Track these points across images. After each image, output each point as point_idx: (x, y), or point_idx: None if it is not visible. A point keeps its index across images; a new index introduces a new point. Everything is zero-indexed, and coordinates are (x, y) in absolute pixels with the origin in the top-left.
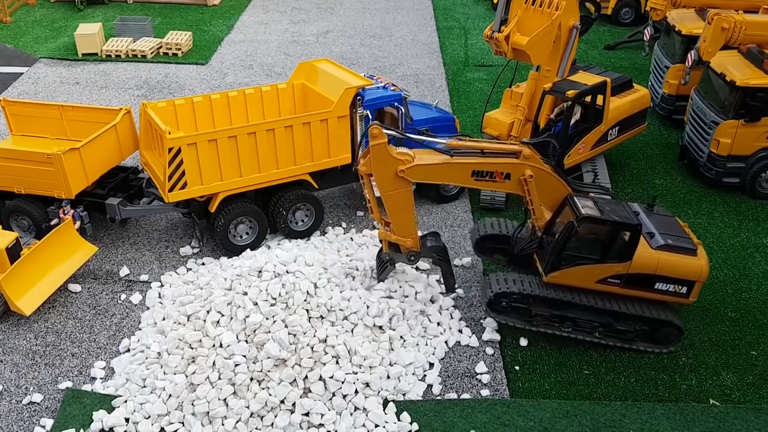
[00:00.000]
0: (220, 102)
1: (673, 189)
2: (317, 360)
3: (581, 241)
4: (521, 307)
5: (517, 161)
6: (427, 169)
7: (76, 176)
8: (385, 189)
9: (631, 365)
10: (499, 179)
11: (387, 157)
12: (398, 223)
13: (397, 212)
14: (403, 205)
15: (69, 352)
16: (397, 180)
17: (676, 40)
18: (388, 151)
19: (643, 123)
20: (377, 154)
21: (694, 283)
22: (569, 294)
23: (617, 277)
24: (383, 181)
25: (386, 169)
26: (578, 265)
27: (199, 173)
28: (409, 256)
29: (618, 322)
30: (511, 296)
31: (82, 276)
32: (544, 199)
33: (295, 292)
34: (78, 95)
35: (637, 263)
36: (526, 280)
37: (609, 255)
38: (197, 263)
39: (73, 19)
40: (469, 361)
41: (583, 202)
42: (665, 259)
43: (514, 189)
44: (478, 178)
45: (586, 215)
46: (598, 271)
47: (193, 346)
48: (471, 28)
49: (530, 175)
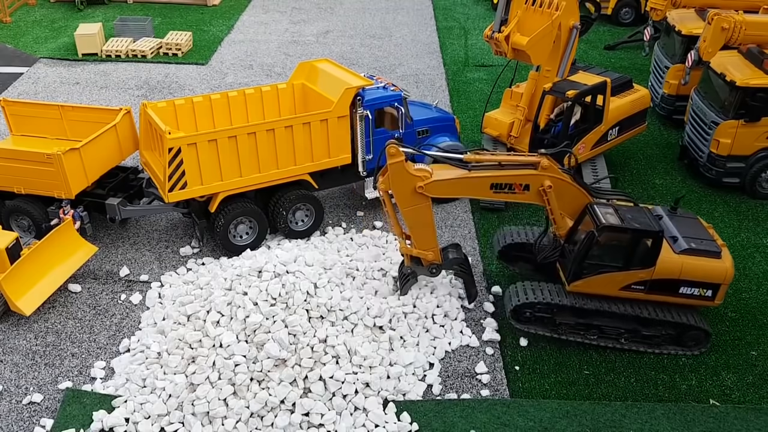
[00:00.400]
0: (220, 102)
1: (673, 189)
2: (317, 360)
3: (603, 249)
4: (545, 316)
5: (535, 172)
6: (446, 184)
7: (76, 176)
8: (405, 205)
9: (631, 365)
10: (519, 191)
11: (405, 175)
12: (419, 237)
13: (418, 227)
14: (423, 219)
15: (69, 352)
16: (416, 196)
17: (676, 40)
18: (406, 168)
19: (643, 123)
20: (395, 171)
21: (719, 286)
22: (593, 302)
23: (641, 284)
24: (402, 198)
25: (405, 185)
26: (601, 273)
27: (199, 173)
28: (431, 268)
29: (644, 327)
30: (534, 306)
31: (82, 276)
32: (565, 207)
33: (295, 292)
34: (78, 95)
35: (660, 269)
36: (547, 289)
37: (632, 262)
38: (197, 263)
39: (73, 19)
40: (469, 361)
41: (604, 210)
42: (689, 264)
43: (534, 200)
44: (497, 190)
45: (606, 224)
46: (621, 279)
47: (193, 346)
48: (471, 28)
49: (549, 186)
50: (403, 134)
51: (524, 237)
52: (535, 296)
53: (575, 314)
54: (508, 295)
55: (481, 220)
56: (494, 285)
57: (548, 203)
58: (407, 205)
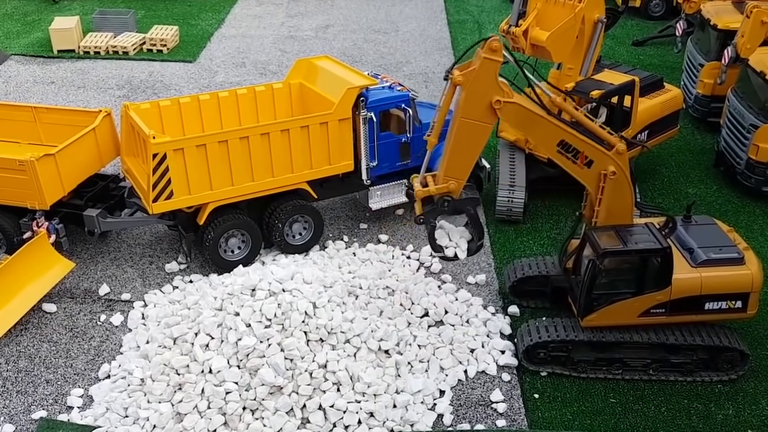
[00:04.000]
0: (209, 103)
1: (708, 199)
2: (316, 387)
3: (610, 276)
4: (561, 355)
5: (608, 153)
6: (523, 113)
7: (51, 185)
8: (468, 114)
9: (661, 393)
10: (580, 163)
11: (492, 80)
12: (455, 161)
13: (463, 149)
14: (474, 142)
15: (43, 378)
16: (487, 111)
17: (711, 35)
18: (497, 74)
19: (675, 126)
20: (485, 71)
21: (749, 295)
22: (612, 333)
23: (660, 307)
24: (471, 105)
25: (484, 92)
26: (614, 302)
27: (186, 182)
28: (442, 202)
29: (672, 354)
30: (548, 346)
31: (57, 295)
32: (611, 204)
33: (292, 312)
34: (53, 96)
35: (678, 287)
36: (561, 325)
37: (645, 285)
38: (184, 281)
39: (47, 12)
40: (483, 388)
41: (602, 235)
42: (709, 276)
43: (588, 180)
44: (561, 150)
45: (606, 249)
46: (637, 305)
47: (180, 371)
48: (485, 22)
49: (613, 172)
50: (411, 139)
51: (537, 269)
52: (548, 334)
53: (594, 349)
54: (520, 334)
55: (496, 233)
56: (511, 305)
57: (601, 191)
58: (471, 116)
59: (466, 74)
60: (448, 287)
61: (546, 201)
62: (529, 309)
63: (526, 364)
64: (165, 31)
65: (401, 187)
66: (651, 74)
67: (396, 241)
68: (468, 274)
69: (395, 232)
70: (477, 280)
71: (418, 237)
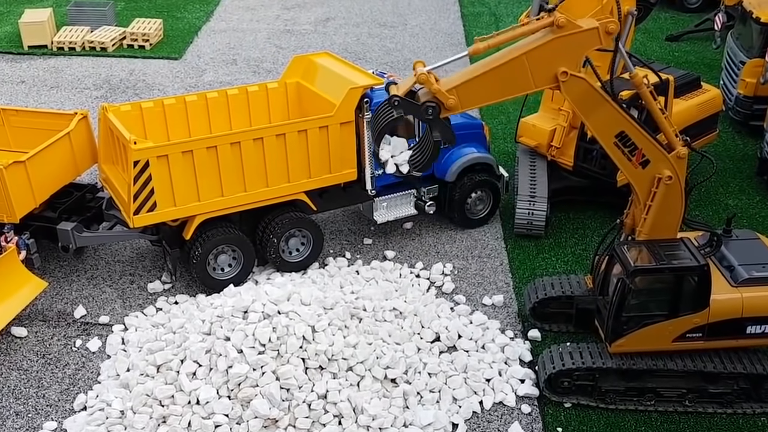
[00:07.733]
0: (196, 105)
1: (749, 211)
2: (315, 420)
3: (641, 297)
4: (587, 384)
5: (667, 155)
6: (588, 93)
7: (21, 196)
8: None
9: (698, 426)
10: (636, 160)
11: (574, 48)
12: (474, 87)
13: (493, 83)
14: (509, 86)
15: (12, 410)
16: (547, 76)
17: (753, 29)
18: (589, 51)
19: (713, 130)
20: (587, 38)
21: None
22: (644, 360)
23: (697, 331)
24: (540, 65)
25: (558, 55)
26: (645, 325)
27: (171, 192)
28: (427, 107)
29: (711, 383)
30: (572, 374)
31: (28, 317)
32: (659, 213)
33: (288, 337)
34: (23, 96)
35: (716, 309)
36: (587, 351)
37: (680, 306)
38: (169, 302)
39: (17, 4)
40: (501, 421)
41: (633, 250)
42: (751, 297)
43: (639, 181)
44: (618, 142)
45: (637, 267)
46: (672, 328)
47: (164, 403)
48: (503, 15)
49: (669, 177)
50: None
51: (561, 289)
52: (573, 361)
53: (624, 377)
54: (541, 361)
55: (515, 250)
56: (532, 329)
57: (651, 197)
58: (532, 62)
59: (572, 24)
60: (461, 309)
61: (570, 214)
62: (552, 333)
63: (549, 394)
64: (147, 25)
65: (409, 198)
66: (687, 73)
67: (404, 258)
68: (484, 295)
69: (403, 248)
70: (494, 301)
71: (429, 254)
